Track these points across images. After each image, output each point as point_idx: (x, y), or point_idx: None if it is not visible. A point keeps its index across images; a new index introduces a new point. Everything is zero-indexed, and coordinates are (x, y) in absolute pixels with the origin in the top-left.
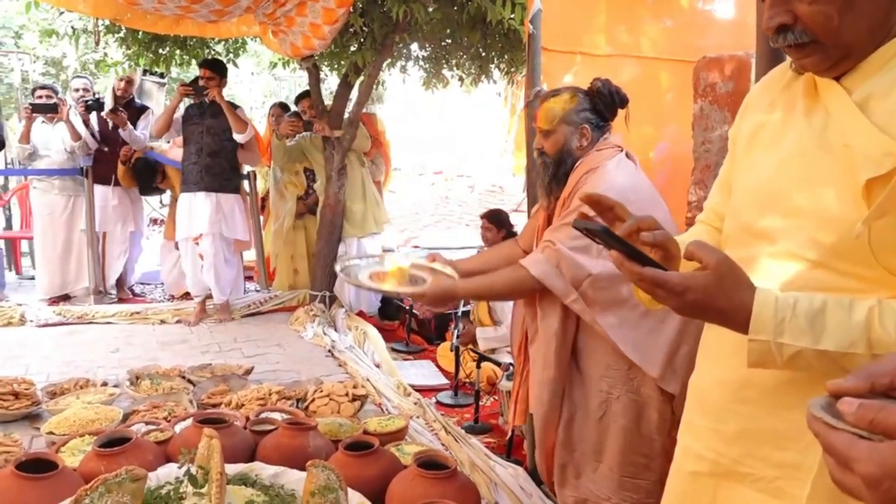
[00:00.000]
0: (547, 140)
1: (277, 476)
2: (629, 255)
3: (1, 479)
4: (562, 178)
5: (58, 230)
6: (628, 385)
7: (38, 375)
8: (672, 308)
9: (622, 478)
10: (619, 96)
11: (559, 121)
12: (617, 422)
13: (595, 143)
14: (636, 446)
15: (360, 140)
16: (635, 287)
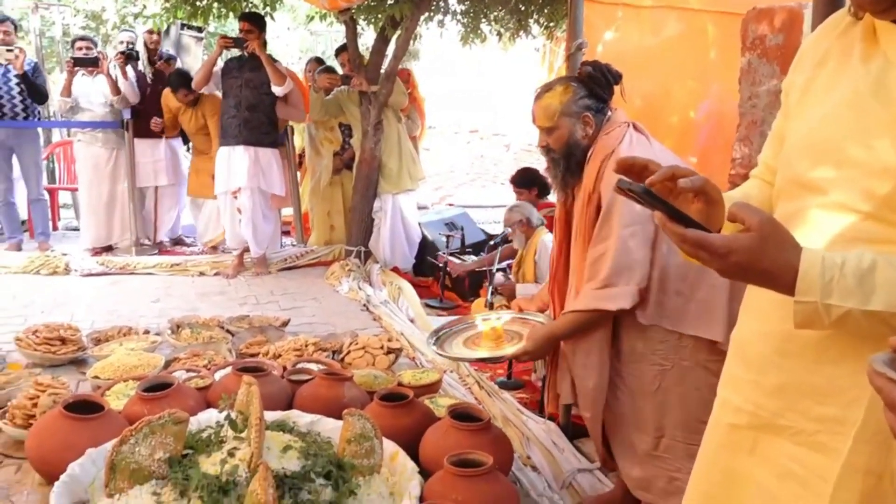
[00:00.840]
0: (550, 136)
1: (314, 424)
2: (672, 215)
3: (50, 419)
4: (575, 170)
5: (102, 183)
6: (680, 353)
7: (83, 322)
8: (715, 270)
9: (688, 445)
10: (612, 74)
11: (559, 115)
12: (673, 391)
13: (600, 127)
14: (696, 411)
15: (396, 96)
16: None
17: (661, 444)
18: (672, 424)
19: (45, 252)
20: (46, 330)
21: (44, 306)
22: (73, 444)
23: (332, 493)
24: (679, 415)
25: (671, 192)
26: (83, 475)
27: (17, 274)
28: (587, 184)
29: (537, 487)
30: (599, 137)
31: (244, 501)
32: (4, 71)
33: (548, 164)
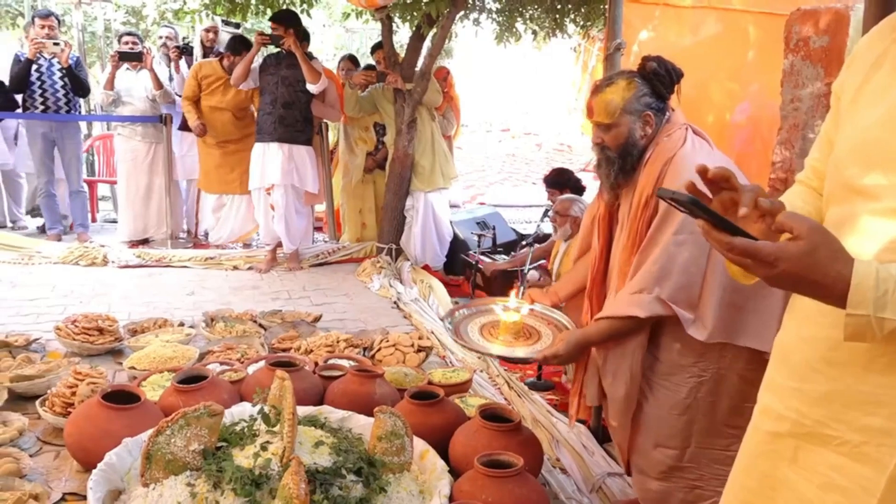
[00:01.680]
0: (608, 133)
1: (345, 420)
2: (717, 224)
3: (89, 407)
4: (629, 171)
5: (140, 176)
6: (720, 363)
7: (120, 313)
8: (762, 278)
9: (713, 451)
10: (675, 72)
11: (621, 112)
12: (705, 400)
13: (660, 127)
14: (724, 417)
15: (431, 94)
16: (727, 262)
17: (686, 455)
18: (698, 432)
19: (84, 243)
20: (85, 320)
21: (82, 297)
22: (111, 433)
23: (362, 490)
24: (707, 423)
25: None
26: (120, 464)
27: (57, 264)
28: (644, 187)
29: (566, 490)
30: (659, 139)
31: (276, 495)
32: (49, 65)
33: (599, 162)
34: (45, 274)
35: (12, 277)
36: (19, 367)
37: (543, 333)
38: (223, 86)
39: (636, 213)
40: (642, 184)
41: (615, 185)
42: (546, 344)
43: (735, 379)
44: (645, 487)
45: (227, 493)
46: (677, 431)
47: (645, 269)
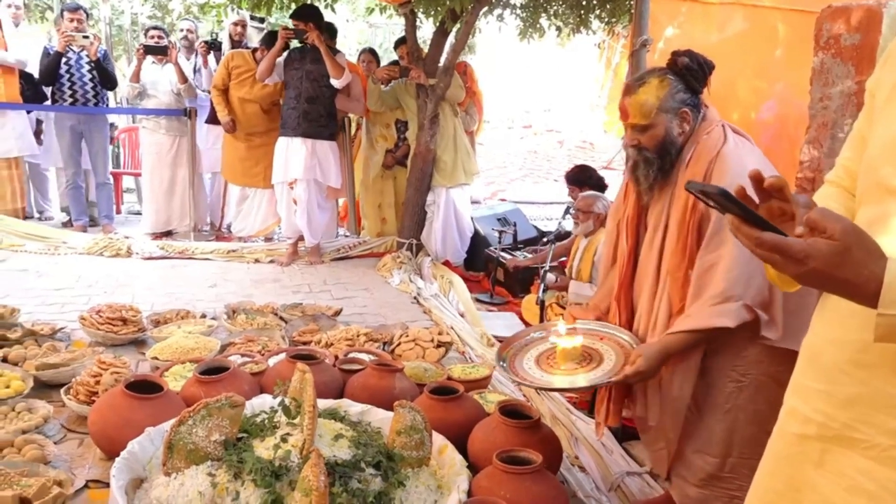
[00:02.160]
0: (644, 134)
1: (364, 413)
2: (746, 219)
3: (112, 396)
4: (668, 170)
5: (164, 169)
6: (758, 367)
7: (143, 304)
8: (791, 276)
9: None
10: (707, 65)
11: (657, 111)
12: (746, 408)
13: (696, 123)
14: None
15: (454, 90)
16: (766, 266)
17: (727, 465)
18: (741, 442)
19: (109, 235)
20: (109, 310)
21: (106, 287)
22: (133, 422)
23: (381, 484)
24: (749, 432)
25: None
26: (142, 453)
27: (82, 255)
28: (693, 177)
29: (585, 488)
30: (699, 137)
31: (296, 487)
32: (77, 58)
33: (635, 164)
34: (71, 264)
35: (39, 267)
36: (45, 355)
37: (604, 351)
38: (253, 78)
39: (684, 217)
40: (689, 177)
41: (654, 186)
42: (611, 363)
43: (774, 385)
44: (684, 493)
45: (247, 484)
46: (718, 439)
47: (723, 276)
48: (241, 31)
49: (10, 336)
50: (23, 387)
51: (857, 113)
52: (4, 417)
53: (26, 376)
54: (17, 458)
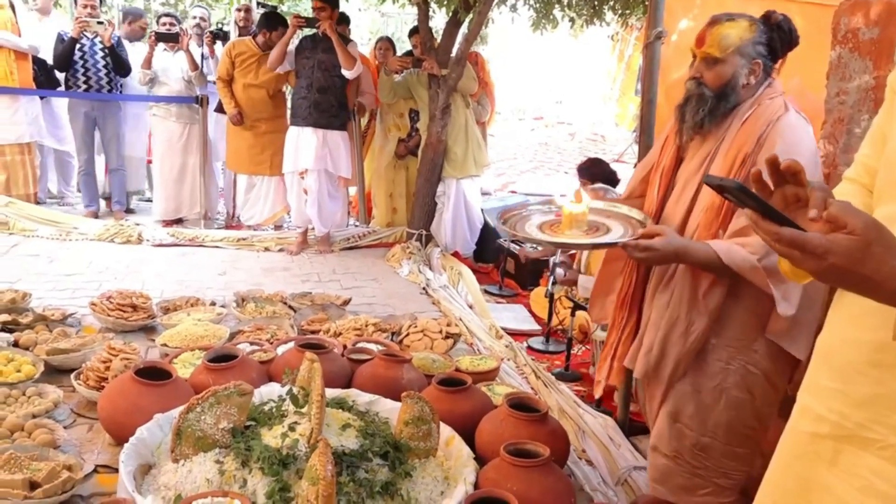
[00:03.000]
0: (711, 70)
1: (372, 403)
2: (765, 213)
3: (122, 382)
4: (718, 117)
5: (174, 156)
6: (748, 356)
7: (153, 291)
8: (809, 272)
9: (725, 447)
10: (795, 38)
11: (733, 50)
12: (730, 393)
13: (761, 85)
14: (745, 418)
15: (466, 81)
16: (780, 259)
17: (700, 443)
18: (716, 424)
19: (120, 221)
20: (120, 297)
21: (117, 273)
22: (142, 408)
23: (388, 474)
24: (727, 417)
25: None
26: (151, 438)
27: (93, 241)
28: (742, 144)
29: (591, 481)
30: (761, 99)
31: (303, 475)
32: (91, 44)
33: (687, 99)
34: (82, 250)
35: (50, 252)
36: (55, 340)
37: (613, 228)
38: (257, 63)
39: (729, 173)
40: (739, 142)
41: (698, 127)
42: (619, 234)
43: (761, 379)
44: (654, 464)
45: (254, 472)
46: (696, 412)
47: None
48: (244, 15)
49: (21, 320)
50: (33, 371)
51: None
52: (15, 401)
53: (37, 361)
54: (27, 441)
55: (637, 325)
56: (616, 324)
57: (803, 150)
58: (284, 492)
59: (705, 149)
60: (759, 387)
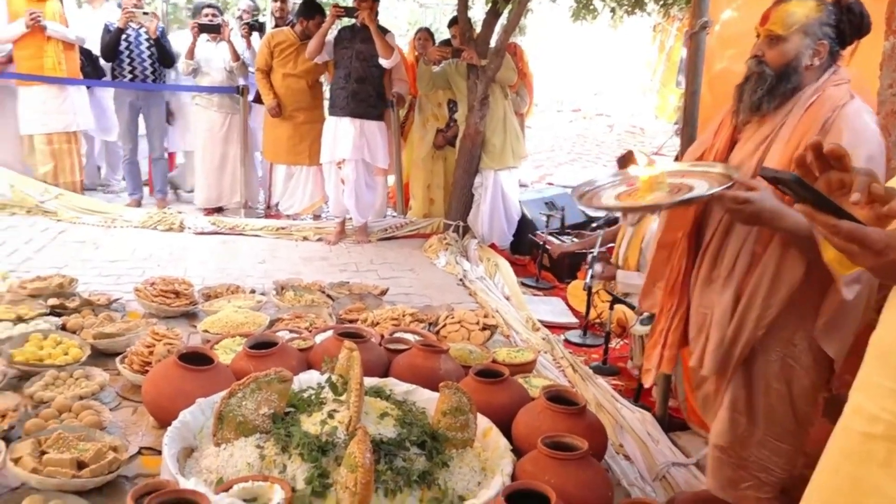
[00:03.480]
0: (773, 48)
1: (410, 393)
2: (821, 206)
3: (165, 367)
4: (777, 98)
5: (215, 146)
6: (787, 349)
7: (195, 278)
8: (867, 268)
9: (766, 439)
10: (867, 25)
11: (798, 28)
12: (770, 384)
13: (826, 70)
14: (784, 411)
15: (505, 71)
16: (824, 247)
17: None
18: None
19: (163, 209)
20: (163, 283)
21: (160, 260)
22: (185, 393)
23: (425, 463)
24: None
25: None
26: (193, 422)
27: (137, 228)
28: (804, 132)
29: (629, 476)
30: (826, 85)
31: (342, 462)
32: (136, 35)
33: (747, 77)
34: (126, 237)
35: (96, 239)
36: (101, 324)
37: (696, 185)
38: (296, 53)
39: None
40: (802, 129)
41: (755, 107)
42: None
43: (800, 373)
44: (711, 455)
45: (294, 458)
46: (747, 404)
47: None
48: (280, 6)
49: (68, 305)
50: (80, 354)
51: None
52: (63, 383)
53: (84, 344)
54: (74, 422)
55: (687, 312)
56: (665, 311)
57: (870, 139)
58: (323, 478)
59: (762, 132)
60: (798, 381)
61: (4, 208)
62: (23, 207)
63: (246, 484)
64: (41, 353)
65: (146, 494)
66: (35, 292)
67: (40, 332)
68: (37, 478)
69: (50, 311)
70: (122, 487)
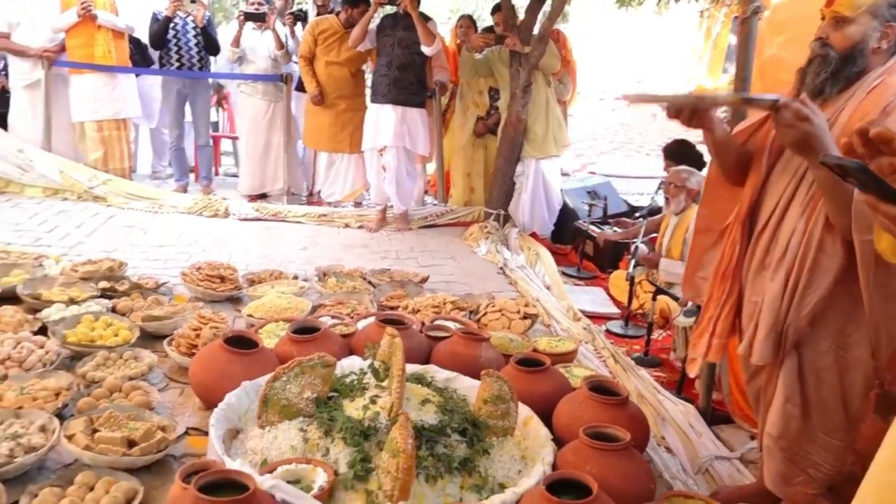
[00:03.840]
0: (838, 30)
1: (450, 380)
2: (886, 196)
3: (211, 350)
4: (840, 82)
5: (259, 133)
6: (839, 340)
7: (239, 263)
8: None
9: (818, 432)
10: None
11: (865, 10)
12: (822, 376)
13: (893, 53)
14: (835, 405)
15: (548, 59)
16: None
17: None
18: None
19: (208, 195)
20: (209, 268)
21: (205, 245)
22: (230, 375)
23: (466, 450)
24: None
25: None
26: (238, 404)
27: (183, 214)
28: (864, 115)
29: (671, 469)
30: (892, 69)
31: (384, 447)
32: (184, 23)
33: (810, 60)
34: (173, 223)
35: (144, 224)
36: (149, 307)
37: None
38: (339, 41)
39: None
40: (863, 112)
41: (818, 91)
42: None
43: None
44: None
45: (337, 442)
46: (800, 396)
47: None
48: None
49: (118, 288)
50: (130, 336)
51: None
52: (113, 364)
53: (133, 326)
54: (124, 402)
55: (739, 301)
56: (714, 298)
57: None
58: (365, 462)
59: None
60: (850, 374)
61: (57, 193)
62: (73, 193)
63: (290, 466)
64: (93, 334)
65: (194, 473)
66: (86, 275)
67: (92, 314)
68: (89, 454)
69: (101, 293)
70: (169, 466)
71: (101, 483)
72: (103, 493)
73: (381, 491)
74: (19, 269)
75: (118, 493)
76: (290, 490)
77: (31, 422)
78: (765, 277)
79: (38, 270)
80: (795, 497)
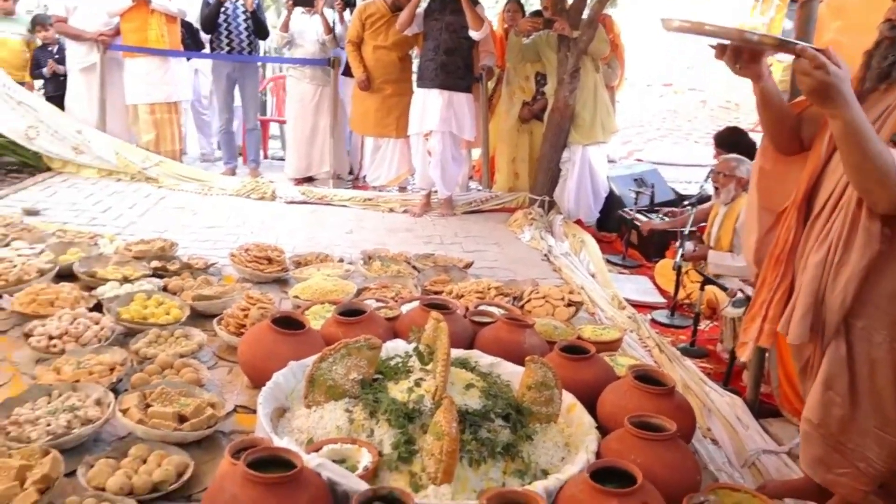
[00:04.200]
0: None
1: (494, 366)
2: None
3: (259, 330)
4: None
5: (306, 117)
6: (891, 330)
7: (286, 245)
8: None
9: (871, 426)
10: None
11: None
12: (877, 367)
13: None
14: (890, 399)
15: (597, 43)
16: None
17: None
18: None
19: (256, 178)
20: (256, 249)
21: (253, 227)
22: (278, 355)
23: (509, 435)
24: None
25: None
26: (285, 384)
27: (232, 196)
28: None
29: (716, 461)
30: None
31: (428, 430)
32: (234, 8)
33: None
34: (222, 205)
35: (194, 206)
36: (199, 287)
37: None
38: (387, 25)
39: None
40: None
41: (884, 75)
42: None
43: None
44: (801, 430)
45: (381, 423)
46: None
47: None
48: None
49: (169, 268)
50: (180, 315)
51: None
52: (165, 341)
53: (183, 305)
54: (176, 378)
55: (790, 286)
56: (768, 282)
57: None
58: (409, 444)
59: (885, 101)
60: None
61: (111, 174)
62: (127, 174)
63: (335, 446)
64: (145, 311)
65: (243, 450)
66: (139, 255)
67: (144, 293)
68: (142, 428)
69: (152, 272)
70: (218, 442)
71: (154, 456)
72: (156, 465)
73: (425, 473)
74: (76, 247)
75: (170, 467)
76: (337, 469)
77: (87, 395)
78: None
79: (93, 249)
80: (843, 491)
